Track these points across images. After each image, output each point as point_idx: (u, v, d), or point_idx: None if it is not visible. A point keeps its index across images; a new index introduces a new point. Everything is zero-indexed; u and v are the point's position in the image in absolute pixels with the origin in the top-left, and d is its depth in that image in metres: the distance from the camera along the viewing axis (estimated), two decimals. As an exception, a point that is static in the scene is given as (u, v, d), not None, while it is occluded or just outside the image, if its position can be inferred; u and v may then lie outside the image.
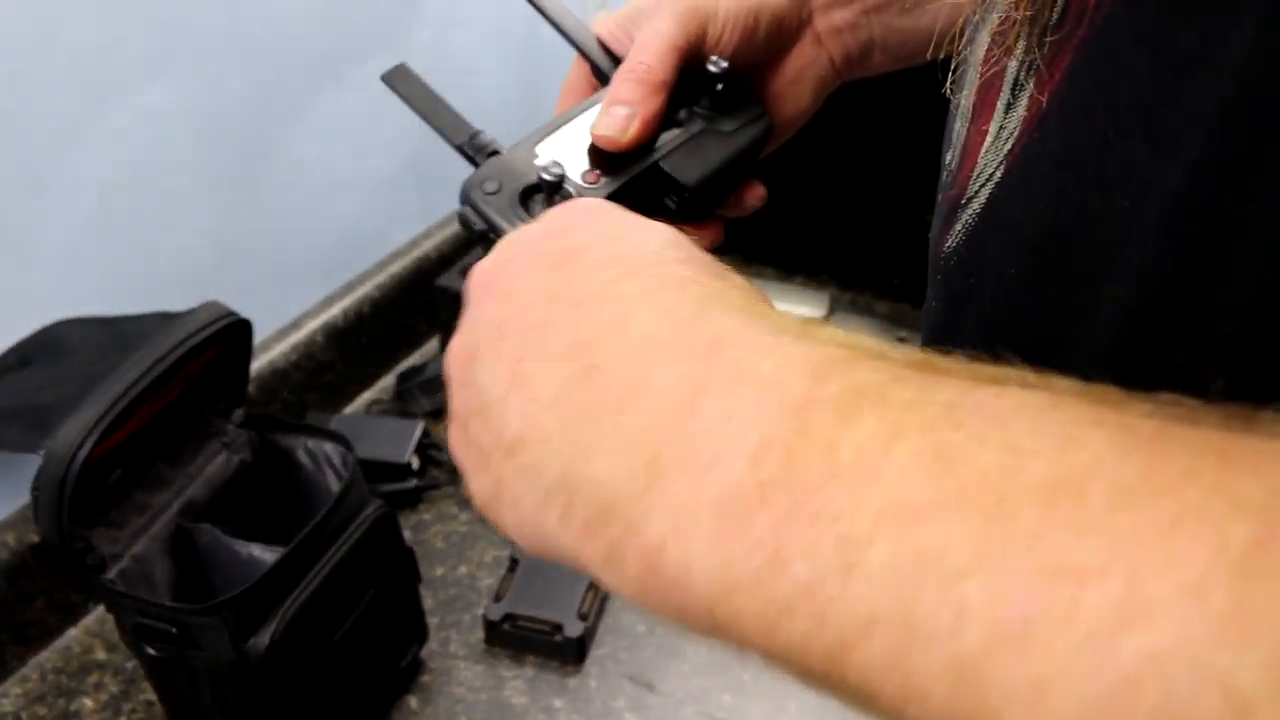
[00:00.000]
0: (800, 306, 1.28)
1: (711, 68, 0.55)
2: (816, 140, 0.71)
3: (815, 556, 0.25)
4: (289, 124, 1.12)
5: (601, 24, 0.60)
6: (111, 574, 0.79)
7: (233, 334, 0.83)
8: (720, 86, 0.56)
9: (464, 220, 0.51)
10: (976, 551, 0.23)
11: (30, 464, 0.77)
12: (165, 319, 0.86)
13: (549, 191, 0.50)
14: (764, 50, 0.59)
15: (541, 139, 0.54)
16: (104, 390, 0.75)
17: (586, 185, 0.52)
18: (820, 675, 0.26)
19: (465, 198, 0.51)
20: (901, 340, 1.21)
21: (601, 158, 0.53)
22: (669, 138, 0.55)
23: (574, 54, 0.61)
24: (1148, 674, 0.21)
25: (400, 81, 0.56)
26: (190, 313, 0.80)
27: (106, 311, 0.98)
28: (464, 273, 1.21)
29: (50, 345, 0.89)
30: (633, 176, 0.53)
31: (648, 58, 0.54)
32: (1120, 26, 0.34)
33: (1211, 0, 0.31)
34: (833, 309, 1.29)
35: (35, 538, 0.94)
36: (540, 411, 0.33)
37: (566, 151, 0.53)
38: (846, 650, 0.25)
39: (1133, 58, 0.33)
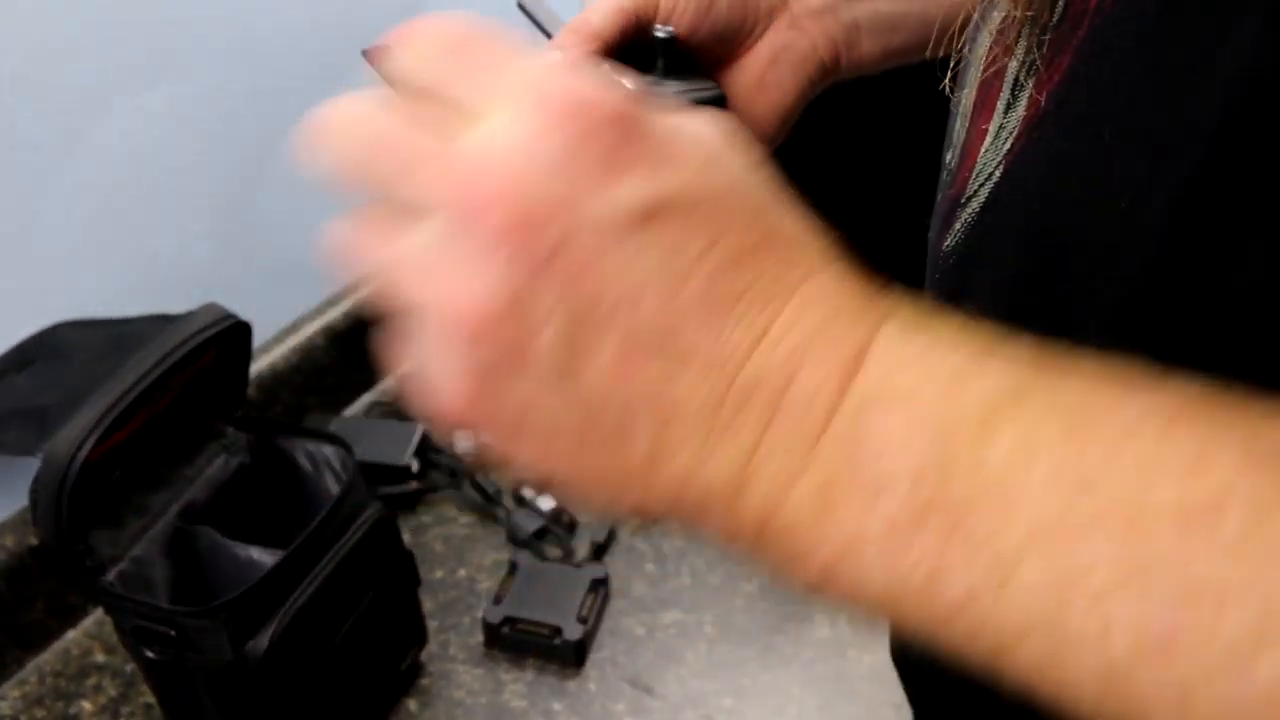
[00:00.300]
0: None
1: (657, 33, 0.54)
2: (812, 143, 0.71)
3: (971, 574, 0.27)
4: (290, 125, 1.11)
5: None
6: (110, 576, 0.79)
7: (233, 336, 0.83)
8: (663, 55, 0.55)
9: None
10: (1120, 570, 0.24)
11: (29, 466, 0.77)
12: (165, 321, 0.86)
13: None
14: (725, 26, 0.57)
15: None
16: (103, 392, 0.75)
17: None
18: (982, 666, 0.28)
19: None
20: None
21: None
22: None
23: None
24: None
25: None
26: (190, 315, 0.80)
27: (106, 313, 0.98)
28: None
29: (50, 347, 0.89)
30: None
31: (589, 12, 0.54)
32: (1118, 29, 0.34)
33: (1210, 4, 0.31)
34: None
35: (34, 540, 0.94)
36: (677, 426, 0.30)
37: None
38: (1002, 654, 0.27)
39: (1131, 60, 0.33)
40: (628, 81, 0.46)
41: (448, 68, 0.32)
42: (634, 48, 0.55)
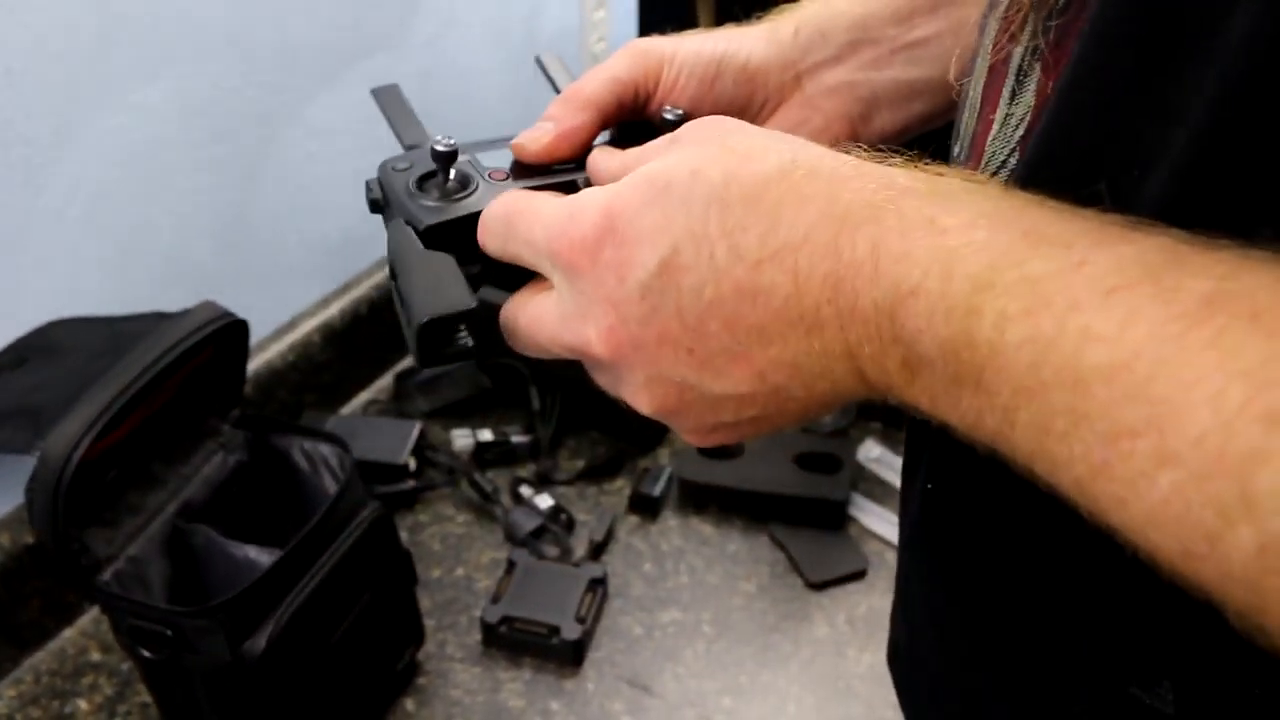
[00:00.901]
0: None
1: (667, 115, 0.53)
2: None
3: (994, 417, 0.32)
4: (287, 123, 1.11)
5: None
6: (106, 576, 0.79)
7: (229, 334, 0.82)
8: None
9: (368, 187, 0.51)
10: (1070, 418, 0.30)
11: (25, 465, 0.77)
12: (161, 319, 0.86)
13: (443, 165, 0.49)
14: (730, 104, 0.55)
15: (483, 149, 0.53)
16: (100, 390, 0.74)
17: (488, 180, 0.50)
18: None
19: (378, 170, 0.51)
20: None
21: (522, 168, 0.52)
22: None
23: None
24: (1174, 506, 0.27)
25: (387, 99, 0.57)
26: (187, 313, 0.80)
27: (102, 311, 0.97)
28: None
29: (46, 345, 0.89)
30: (541, 185, 0.50)
31: (583, 80, 0.53)
32: (1120, 7, 0.34)
33: None
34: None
35: (30, 539, 0.93)
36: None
37: (497, 159, 0.52)
38: (1029, 468, 0.32)
39: (1134, 33, 0.34)
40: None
41: (504, 249, 0.45)
42: (641, 127, 0.53)
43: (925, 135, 0.56)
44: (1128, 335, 0.28)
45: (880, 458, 1.16)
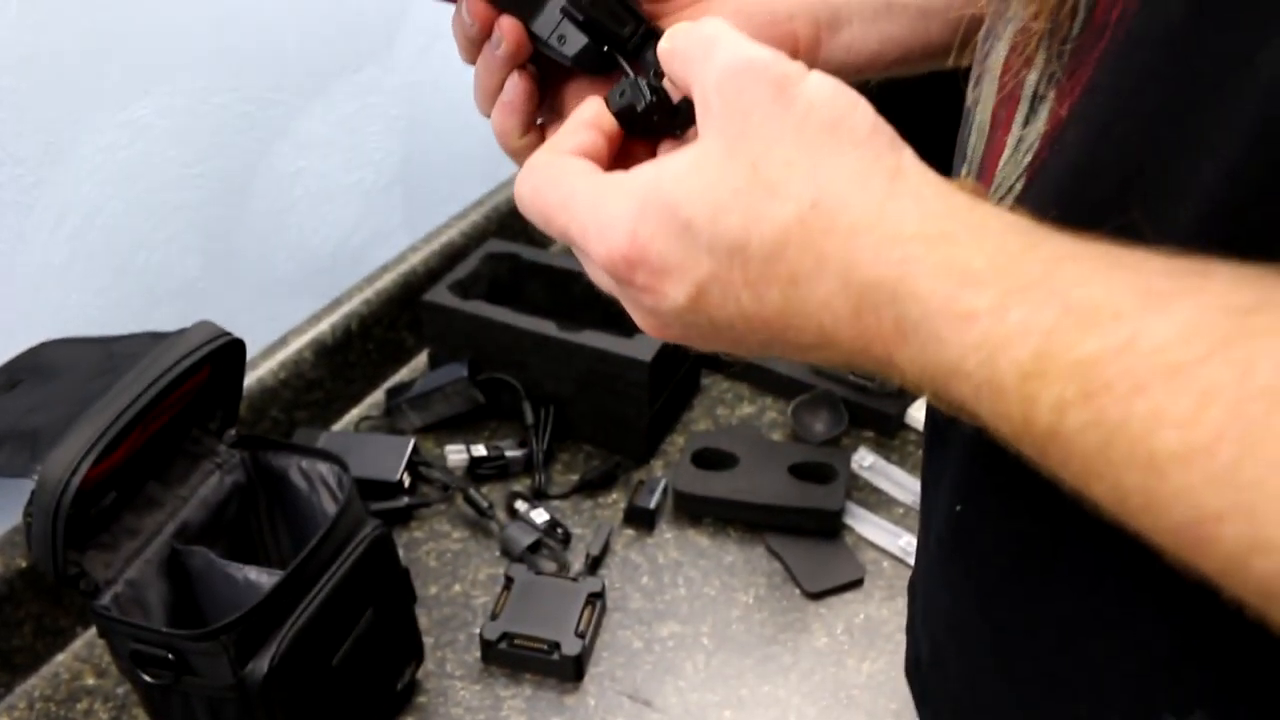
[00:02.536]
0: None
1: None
2: None
3: (1065, 481, 0.32)
4: (276, 139, 1.11)
5: None
6: (105, 599, 0.78)
7: (226, 354, 0.81)
8: None
9: None
10: (1145, 504, 0.29)
11: (19, 487, 0.76)
12: (156, 339, 0.85)
13: None
14: None
15: None
16: (97, 413, 0.73)
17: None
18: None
19: None
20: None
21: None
22: None
23: None
24: (1276, 586, 0.27)
25: None
26: (183, 333, 0.79)
27: (94, 330, 0.96)
28: (461, 288, 1.20)
29: (40, 366, 0.88)
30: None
31: None
32: (1142, 39, 0.34)
33: (1240, 17, 0.31)
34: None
35: (23, 562, 0.92)
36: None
37: None
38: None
39: (1157, 70, 0.33)
40: None
41: (550, 230, 0.43)
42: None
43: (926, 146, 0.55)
44: (1204, 417, 0.27)
45: (874, 466, 1.16)
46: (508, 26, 0.50)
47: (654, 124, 0.47)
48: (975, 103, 0.45)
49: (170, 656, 0.75)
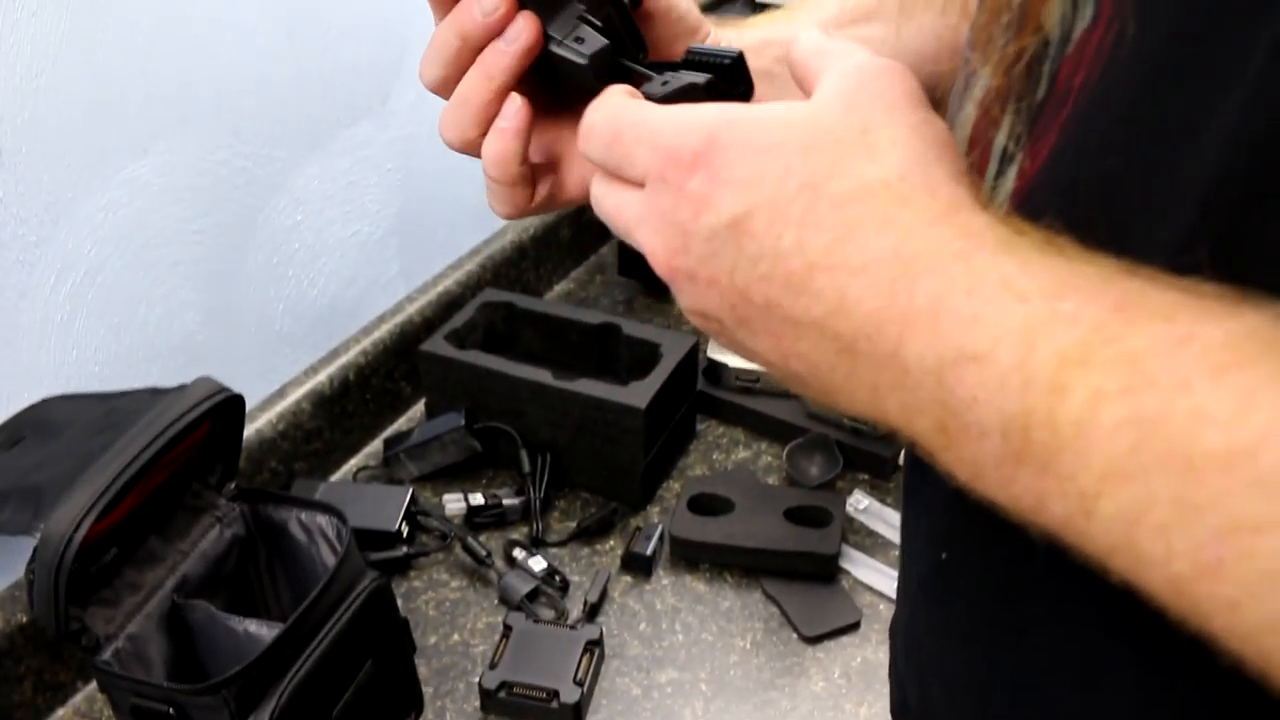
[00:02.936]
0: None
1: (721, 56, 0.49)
2: None
3: (1065, 505, 0.31)
4: (273, 194, 1.12)
5: None
6: (106, 655, 0.78)
7: (225, 410, 0.82)
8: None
9: None
10: (1176, 508, 0.28)
11: (20, 544, 0.77)
12: (156, 394, 0.86)
13: None
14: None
15: None
16: (99, 470, 0.74)
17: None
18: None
19: None
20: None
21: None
22: None
23: None
24: None
25: None
26: (183, 389, 0.80)
27: (96, 385, 0.97)
28: (456, 338, 1.21)
29: (41, 423, 0.89)
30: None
31: None
32: (1102, 103, 0.35)
33: (1195, 78, 0.32)
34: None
35: (24, 618, 0.93)
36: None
37: None
38: (1102, 560, 0.31)
39: (1117, 133, 0.35)
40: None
41: (609, 158, 0.43)
42: None
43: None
44: (1249, 419, 0.27)
45: (869, 508, 1.17)
46: (527, 21, 0.48)
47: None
48: None
49: (171, 711, 0.75)
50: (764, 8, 1.35)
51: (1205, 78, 0.31)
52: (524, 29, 0.48)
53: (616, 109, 0.43)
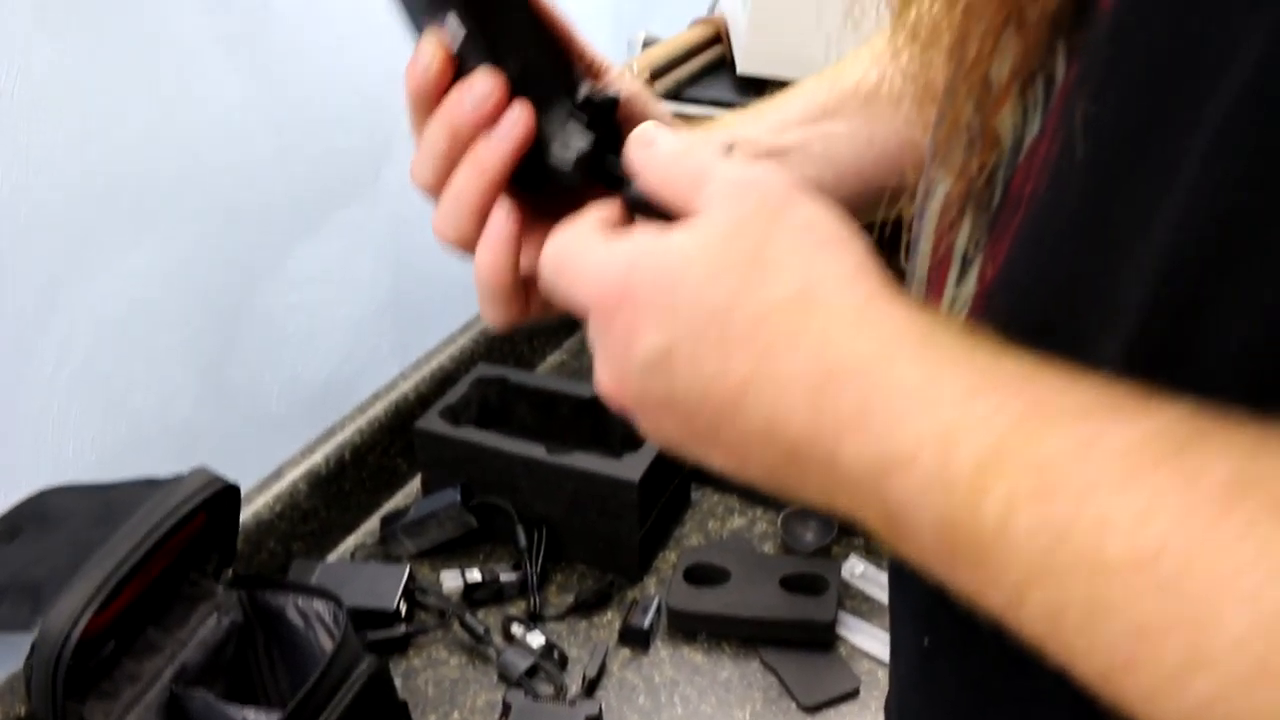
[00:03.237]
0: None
1: (606, 92, 0.50)
2: None
3: (998, 597, 0.32)
4: (266, 276, 1.14)
5: None
6: (105, 747, 0.79)
7: (221, 499, 0.83)
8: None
9: None
10: (1088, 611, 0.29)
11: (19, 637, 0.77)
12: (153, 485, 0.87)
13: None
14: None
15: None
16: (96, 564, 0.75)
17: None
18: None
19: None
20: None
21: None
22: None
23: None
24: (1214, 711, 0.27)
25: None
26: (179, 480, 0.81)
27: (91, 473, 0.98)
28: (451, 414, 1.22)
29: (39, 515, 0.90)
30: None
31: None
32: (1050, 211, 0.37)
33: (1132, 188, 0.33)
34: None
35: (22, 709, 0.93)
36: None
37: None
38: (1040, 648, 0.32)
39: (1065, 241, 0.36)
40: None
41: (559, 291, 0.44)
42: None
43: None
44: (1152, 525, 0.28)
45: (865, 574, 1.17)
46: (521, 110, 0.47)
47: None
48: (914, 261, 0.48)
49: (171, 804, 0.75)
50: (749, 82, 1.38)
51: (1141, 188, 0.33)
52: (518, 120, 0.47)
53: (562, 244, 0.44)
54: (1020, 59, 0.38)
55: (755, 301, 0.38)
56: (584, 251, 0.43)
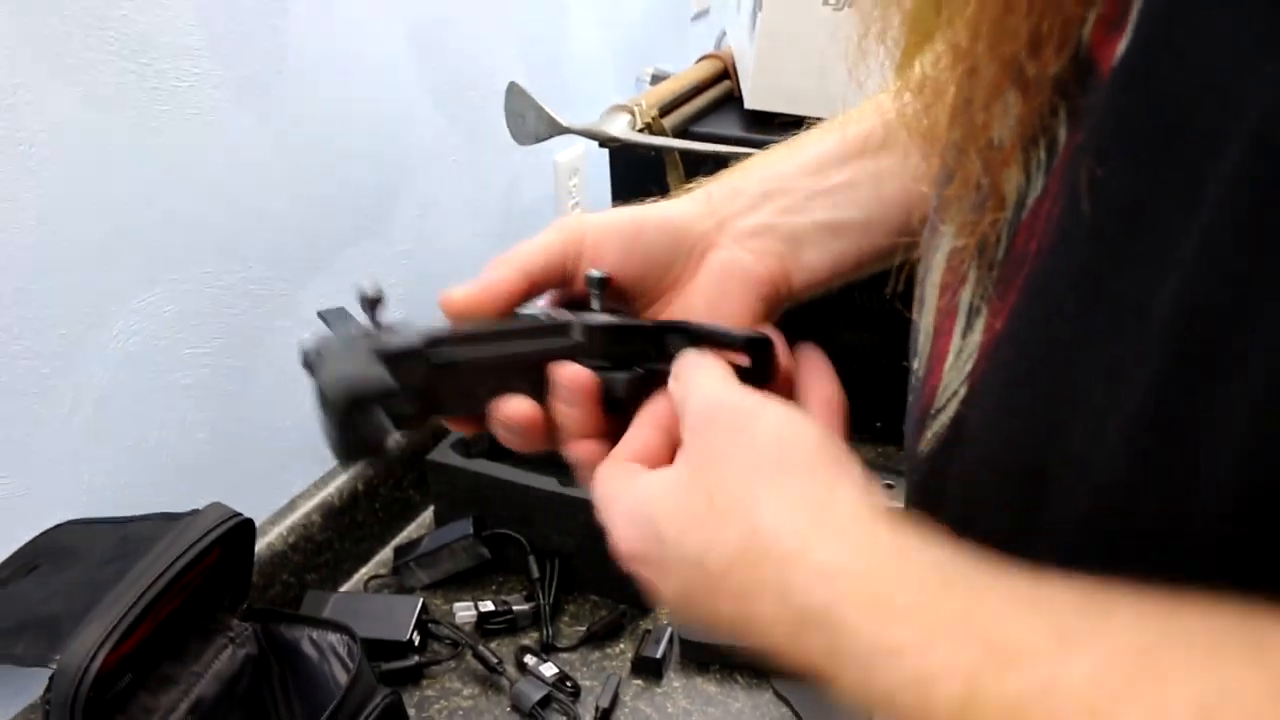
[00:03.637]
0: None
1: (590, 273, 0.56)
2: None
3: None
4: (279, 314, 1.15)
5: None
6: (122, 782, 0.79)
7: (236, 534, 0.84)
8: (599, 296, 0.56)
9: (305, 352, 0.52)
10: None
11: (37, 671, 0.78)
12: (168, 519, 0.88)
13: (369, 307, 0.54)
14: (659, 257, 0.58)
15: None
16: (113, 600, 0.76)
17: (414, 333, 0.53)
18: None
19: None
20: (889, 487, 1.23)
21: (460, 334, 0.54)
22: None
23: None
24: None
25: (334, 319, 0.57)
26: (195, 516, 0.82)
27: (108, 508, 0.99)
28: (463, 445, 1.23)
29: (56, 550, 0.91)
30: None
31: (513, 249, 0.57)
32: (1053, 271, 0.37)
33: (1136, 256, 0.33)
34: (818, 457, 1.31)
35: (40, 743, 0.94)
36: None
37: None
38: None
39: (1068, 302, 0.36)
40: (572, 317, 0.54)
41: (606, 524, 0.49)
42: (578, 303, 0.57)
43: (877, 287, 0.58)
44: None
45: (876, 603, 1.17)
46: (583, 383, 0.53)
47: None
48: (920, 314, 0.49)
49: (187, 838, 0.76)
50: (757, 116, 1.39)
51: (1148, 250, 0.33)
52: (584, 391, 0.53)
53: (600, 489, 0.49)
54: (1024, 120, 0.39)
55: (718, 551, 0.41)
56: (612, 499, 0.48)
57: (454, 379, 0.53)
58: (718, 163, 0.84)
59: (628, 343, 0.55)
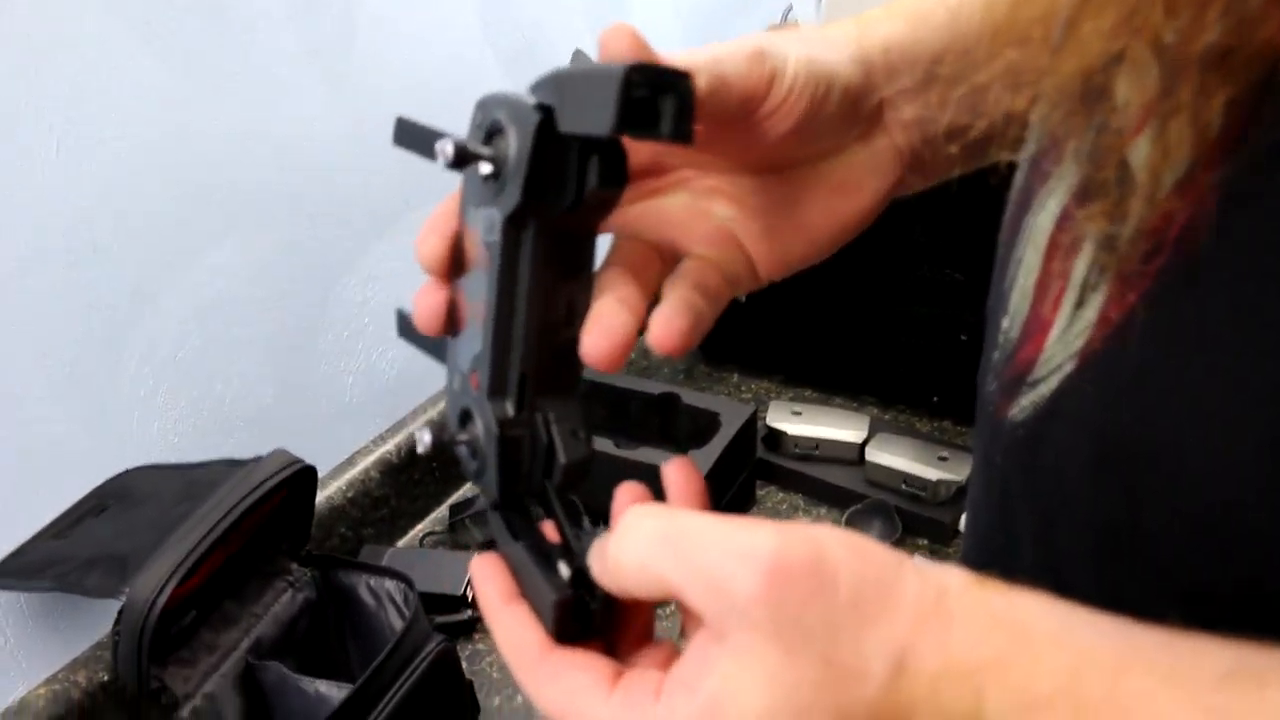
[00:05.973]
0: (842, 429, 1.31)
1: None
2: (852, 262, 0.67)
3: None
4: (343, 272, 1.18)
5: None
6: (184, 713, 0.82)
7: (299, 480, 0.87)
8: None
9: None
10: None
11: (106, 606, 0.81)
12: (233, 465, 0.90)
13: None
14: (832, 130, 0.49)
15: None
16: (179, 539, 0.79)
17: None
18: None
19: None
20: (943, 460, 1.23)
21: None
22: None
23: None
24: None
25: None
26: (260, 461, 0.85)
27: (176, 455, 1.02)
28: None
29: (124, 492, 0.94)
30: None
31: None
32: (1212, 263, 0.34)
33: None
34: (873, 429, 1.32)
35: (105, 676, 0.97)
36: None
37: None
38: None
39: (1228, 297, 0.34)
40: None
41: None
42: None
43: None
44: None
45: (925, 574, 1.17)
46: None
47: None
48: (1017, 262, 0.45)
49: (245, 768, 0.79)
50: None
51: None
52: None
53: None
54: (1159, 90, 0.35)
55: (859, 711, 0.35)
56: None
57: None
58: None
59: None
